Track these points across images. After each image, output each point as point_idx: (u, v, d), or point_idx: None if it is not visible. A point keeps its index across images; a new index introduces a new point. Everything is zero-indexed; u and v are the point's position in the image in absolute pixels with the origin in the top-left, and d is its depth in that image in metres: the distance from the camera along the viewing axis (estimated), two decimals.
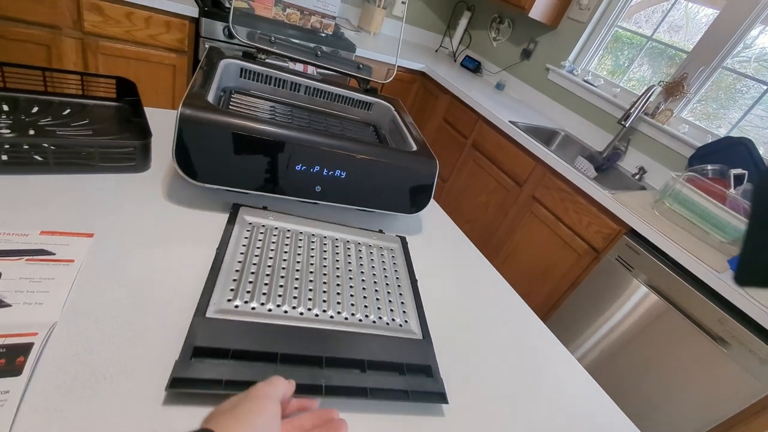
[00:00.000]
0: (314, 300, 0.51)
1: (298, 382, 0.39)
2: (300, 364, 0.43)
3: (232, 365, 0.40)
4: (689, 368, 1.26)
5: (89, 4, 1.44)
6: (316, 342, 0.46)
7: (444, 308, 0.62)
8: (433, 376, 0.48)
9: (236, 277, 0.50)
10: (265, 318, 0.46)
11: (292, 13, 1.73)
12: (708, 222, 1.37)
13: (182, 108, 0.56)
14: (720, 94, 1.76)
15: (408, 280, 0.62)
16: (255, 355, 0.42)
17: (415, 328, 0.54)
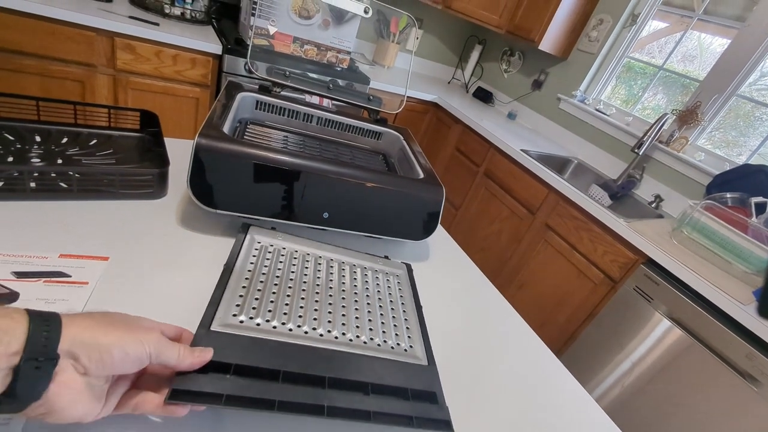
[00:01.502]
0: (319, 320, 0.51)
1: (301, 401, 0.40)
2: (303, 384, 0.43)
3: (232, 380, 0.40)
4: (718, 408, 1.18)
5: (123, 44, 1.55)
6: (320, 362, 0.45)
7: (450, 339, 0.61)
8: (438, 403, 0.47)
9: (242, 293, 0.50)
10: (269, 335, 0.46)
11: (310, 49, 1.82)
12: (730, 251, 1.32)
13: (198, 138, 0.59)
14: (739, 122, 1.74)
15: (413, 306, 0.61)
16: (257, 371, 0.42)
17: (420, 354, 0.53)
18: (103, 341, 0.30)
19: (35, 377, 0.26)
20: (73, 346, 0.28)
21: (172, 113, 1.76)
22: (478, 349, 0.62)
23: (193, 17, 1.81)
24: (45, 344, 0.27)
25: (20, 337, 0.26)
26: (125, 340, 0.31)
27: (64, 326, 0.28)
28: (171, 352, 0.34)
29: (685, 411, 1.25)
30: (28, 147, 0.66)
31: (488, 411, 0.52)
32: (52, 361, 0.27)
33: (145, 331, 0.33)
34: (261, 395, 0.39)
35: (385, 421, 0.43)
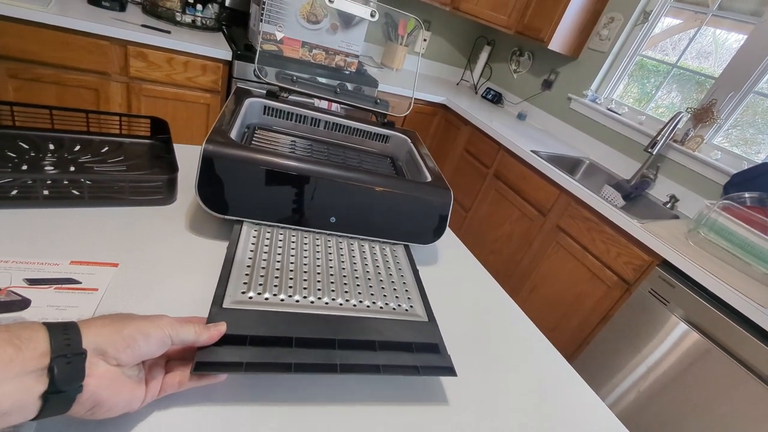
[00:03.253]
0: (323, 290, 0.54)
1: (314, 362, 0.43)
2: (315, 347, 0.45)
3: (250, 350, 0.42)
4: (738, 415, 1.15)
5: (135, 52, 1.58)
6: (328, 326, 0.48)
7: (459, 344, 0.61)
8: (440, 352, 0.51)
9: (248, 272, 0.52)
10: (278, 307, 0.49)
11: (318, 54, 1.83)
12: (749, 253, 1.29)
13: (205, 144, 0.59)
14: (756, 119, 1.70)
15: (411, 274, 0.64)
16: (272, 340, 0.44)
17: (420, 312, 0.56)
18: (124, 332, 0.32)
19: (70, 371, 0.28)
20: (96, 343, 0.30)
21: (183, 119, 1.79)
22: (488, 354, 0.61)
23: (204, 24, 1.84)
24: (68, 343, 0.29)
25: (43, 342, 0.28)
26: (143, 326, 0.34)
27: (82, 328, 0.30)
28: (187, 329, 0.37)
29: (704, 417, 1.21)
30: (42, 155, 0.67)
31: (498, 418, 0.51)
32: (80, 356, 0.29)
33: (157, 318, 0.36)
34: (277, 360, 0.42)
35: (394, 372, 0.46)
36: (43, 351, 0.27)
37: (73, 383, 0.29)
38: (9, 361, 0.25)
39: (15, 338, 0.27)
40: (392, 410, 0.46)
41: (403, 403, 0.48)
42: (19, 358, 0.26)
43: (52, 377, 0.27)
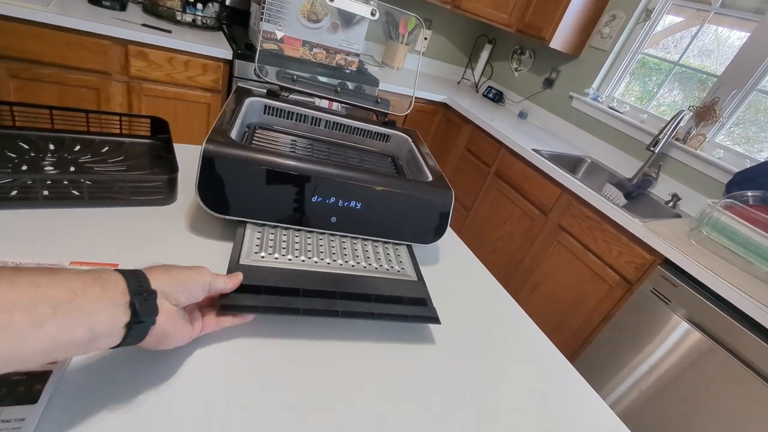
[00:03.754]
0: (325, 253, 0.62)
1: (318, 308, 0.52)
2: (318, 297, 0.54)
3: (264, 297, 0.50)
4: (742, 416, 1.15)
5: (136, 51, 1.58)
6: (330, 282, 0.57)
7: (460, 344, 0.61)
8: (427, 305, 0.59)
9: (259, 237, 0.61)
10: (287, 265, 0.57)
11: (319, 53, 1.82)
12: (752, 252, 1.28)
13: (205, 144, 0.59)
14: (759, 117, 1.69)
15: (405, 249, 0.71)
16: (282, 290, 0.52)
17: (410, 273, 0.65)
18: (180, 278, 0.39)
19: (148, 306, 0.34)
20: (160, 286, 0.36)
21: (184, 119, 1.78)
22: (489, 354, 0.60)
23: (204, 24, 1.84)
24: (141, 285, 0.35)
25: (121, 283, 0.33)
26: (192, 274, 0.41)
27: (147, 274, 0.36)
28: (219, 279, 0.45)
29: (706, 417, 1.21)
30: (42, 155, 0.67)
31: (499, 419, 0.51)
32: (153, 295, 0.35)
33: (198, 268, 0.43)
34: (288, 305, 0.51)
35: (386, 319, 0.55)
36: (123, 290, 0.33)
37: (150, 316, 0.35)
38: (99, 296, 0.31)
39: (99, 279, 0.32)
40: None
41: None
42: (106, 295, 0.31)
43: (134, 310, 0.33)
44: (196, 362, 0.44)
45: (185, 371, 0.43)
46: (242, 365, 0.46)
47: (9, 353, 0.26)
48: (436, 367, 0.55)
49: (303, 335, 0.52)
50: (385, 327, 0.58)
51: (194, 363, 0.44)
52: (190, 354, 0.45)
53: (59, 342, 0.29)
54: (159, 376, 0.42)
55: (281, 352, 0.49)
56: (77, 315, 0.29)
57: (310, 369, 0.48)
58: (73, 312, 0.29)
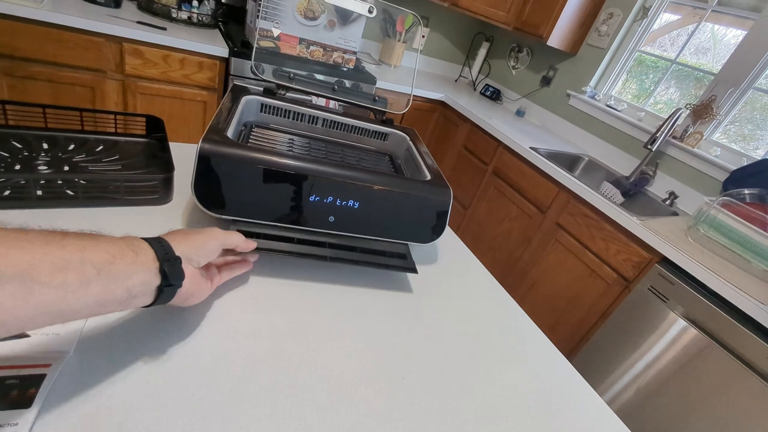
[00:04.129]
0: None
1: (309, 253, 0.61)
2: (311, 245, 0.62)
3: (266, 242, 0.60)
4: (738, 412, 1.15)
5: (131, 49, 1.57)
6: (321, 231, 0.65)
7: (458, 343, 0.60)
8: (407, 259, 0.68)
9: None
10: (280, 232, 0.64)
11: (316, 50, 1.81)
12: (749, 250, 1.29)
13: (201, 143, 0.58)
14: (755, 115, 1.70)
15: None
16: (279, 238, 0.61)
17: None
18: (198, 243, 0.44)
19: (175, 271, 0.39)
20: (182, 252, 0.41)
21: (180, 117, 1.77)
22: (486, 353, 0.60)
23: (200, 21, 1.82)
24: (167, 252, 0.39)
25: (150, 250, 0.38)
26: (207, 238, 0.46)
27: (169, 242, 0.41)
28: (231, 237, 0.51)
29: (703, 413, 1.21)
30: (35, 155, 0.66)
31: (497, 418, 0.51)
32: (177, 260, 0.40)
33: (210, 229, 0.48)
34: (283, 248, 0.60)
35: (369, 266, 0.63)
36: (153, 257, 0.37)
37: (178, 280, 0.40)
38: (133, 261, 0.35)
39: (132, 246, 0.36)
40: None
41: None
42: (139, 260, 0.36)
43: (164, 275, 0.38)
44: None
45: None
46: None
47: (64, 306, 0.30)
48: (431, 368, 0.54)
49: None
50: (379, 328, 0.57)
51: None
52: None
53: (103, 299, 0.33)
54: (151, 376, 0.41)
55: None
56: (116, 277, 0.33)
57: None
58: (113, 274, 0.33)
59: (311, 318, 0.56)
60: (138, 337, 0.45)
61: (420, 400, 0.49)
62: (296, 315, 0.55)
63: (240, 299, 0.55)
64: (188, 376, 0.43)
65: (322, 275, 0.64)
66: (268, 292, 0.57)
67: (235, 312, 0.53)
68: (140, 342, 0.45)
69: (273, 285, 0.59)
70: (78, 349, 0.42)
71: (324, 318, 0.56)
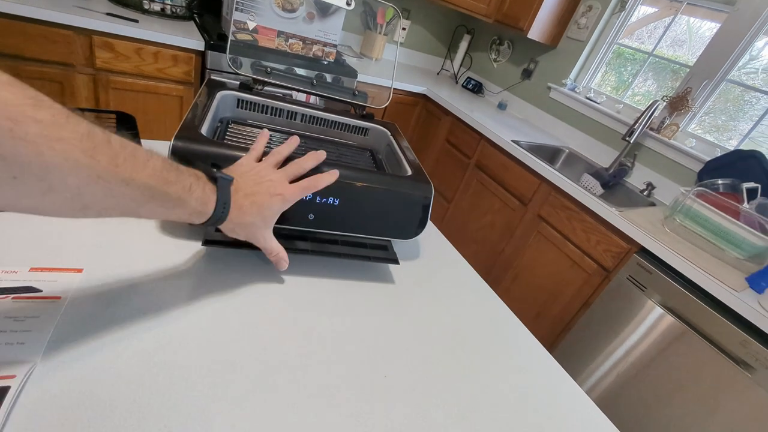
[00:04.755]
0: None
1: (290, 247, 0.59)
2: (294, 238, 0.62)
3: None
4: (713, 395, 1.19)
5: (101, 42, 1.51)
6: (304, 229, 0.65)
7: (440, 338, 0.60)
8: (388, 250, 0.68)
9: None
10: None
11: (295, 43, 1.78)
12: (722, 238, 1.32)
13: (174, 141, 0.56)
14: (728, 106, 1.74)
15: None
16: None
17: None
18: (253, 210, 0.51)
19: (222, 217, 0.47)
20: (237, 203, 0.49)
21: (155, 112, 1.72)
22: (469, 349, 0.60)
23: (174, 13, 1.76)
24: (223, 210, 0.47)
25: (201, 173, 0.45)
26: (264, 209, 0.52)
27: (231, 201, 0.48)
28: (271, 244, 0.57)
29: (680, 397, 1.25)
30: None
31: (480, 413, 0.51)
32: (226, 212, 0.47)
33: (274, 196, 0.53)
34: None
35: (351, 258, 0.64)
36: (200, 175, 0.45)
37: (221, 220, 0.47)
38: (196, 181, 0.43)
39: (189, 174, 0.43)
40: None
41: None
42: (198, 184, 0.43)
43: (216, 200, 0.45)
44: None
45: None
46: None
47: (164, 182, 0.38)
48: (413, 366, 0.54)
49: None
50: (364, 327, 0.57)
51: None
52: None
53: (178, 192, 0.40)
54: (125, 380, 0.40)
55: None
56: (188, 196, 0.41)
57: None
58: (186, 193, 0.41)
59: (291, 316, 0.55)
60: (110, 341, 0.44)
61: (403, 398, 0.49)
62: (276, 313, 0.54)
63: (217, 296, 0.54)
64: (165, 375, 0.41)
65: (303, 269, 0.63)
66: (244, 289, 0.56)
67: (212, 309, 0.51)
68: (112, 346, 0.43)
69: (250, 280, 0.58)
70: (45, 357, 0.40)
71: (305, 317, 0.56)
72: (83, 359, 0.41)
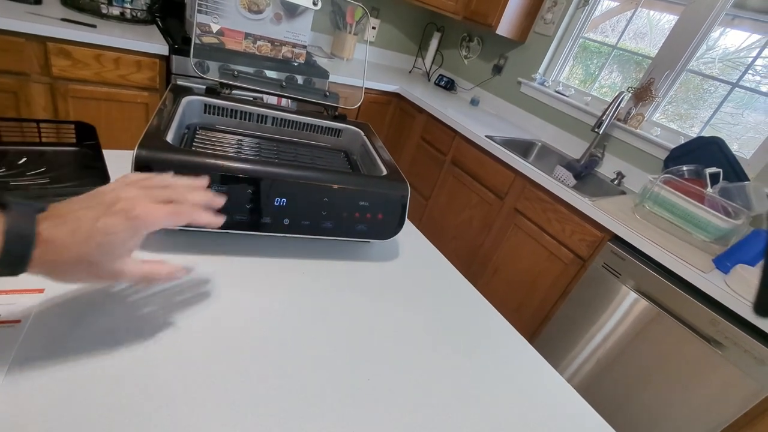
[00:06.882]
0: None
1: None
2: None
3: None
4: (687, 373, 1.24)
5: (56, 49, 1.44)
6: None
7: (422, 337, 0.60)
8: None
9: None
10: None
11: (263, 45, 1.74)
12: (689, 222, 1.38)
13: (137, 149, 0.54)
14: (689, 95, 1.81)
15: None
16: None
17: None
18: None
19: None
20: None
21: (119, 120, 1.65)
22: (451, 345, 0.60)
23: (135, 17, 1.70)
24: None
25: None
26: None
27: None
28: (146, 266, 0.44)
29: (657, 378, 1.30)
30: None
31: (465, 409, 0.51)
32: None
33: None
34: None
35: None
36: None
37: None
38: None
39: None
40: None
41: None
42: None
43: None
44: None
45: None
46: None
47: None
48: (396, 367, 0.54)
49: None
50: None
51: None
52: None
53: None
54: (96, 414, 0.38)
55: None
56: None
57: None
58: None
59: (271, 322, 0.53)
60: (75, 365, 0.41)
61: (387, 400, 0.48)
62: (254, 322, 0.53)
63: (186, 310, 0.51)
64: (138, 398, 0.39)
65: (279, 272, 0.63)
66: (216, 302, 0.54)
67: (181, 325, 0.49)
68: (78, 370, 0.41)
69: (220, 293, 0.56)
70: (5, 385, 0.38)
71: (285, 322, 0.54)
72: (47, 387, 0.39)
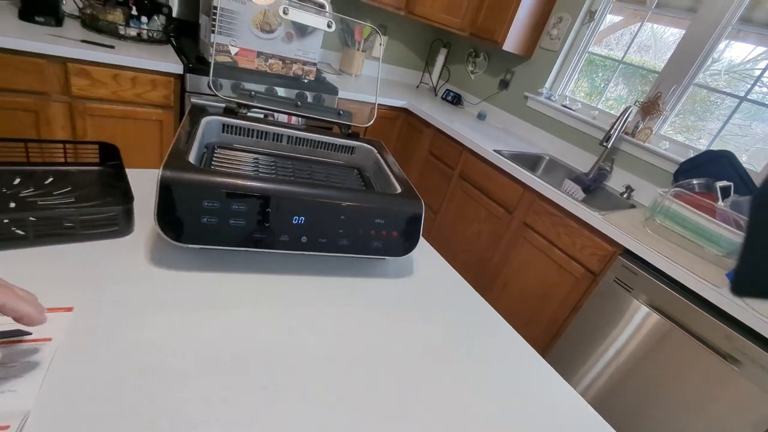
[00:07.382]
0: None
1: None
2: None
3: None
4: (702, 390, 1.22)
5: (77, 69, 1.48)
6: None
7: (438, 353, 0.60)
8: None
9: None
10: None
11: (274, 63, 1.79)
12: (701, 236, 1.37)
13: (162, 170, 0.56)
14: (696, 108, 1.82)
15: None
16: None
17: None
18: None
19: None
20: None
21: (135, 137, 1.69)
22: (464, 360, 0.60)
23: (151, 37, 1.75)
24: None
25: None
26: None
27: None
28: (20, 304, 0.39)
29: (670, 394, 1.28)
30: None
31: (478, 421, 0.51)
32: None
33: None
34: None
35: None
36: None
37: None
38: None
39: None
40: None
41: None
42: None
43: None
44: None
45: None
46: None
47: None
48: (409, 376, 0.54)
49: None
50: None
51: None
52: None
53: None
54: (123, 426, 0.39)
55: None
56: None
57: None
58: None
59: (274, 335, 0.54)
60: (107, 381, 0.42)
61: (399, 410, 0.49)
62: (269, 332, 0.54)
63: (212, 324, 0.52)
64: (169, 415, 0.40)
65: (292, 285, 0.64)
66: (237, 319, 0.55)
67: (208, 338, 0.50)
68: (111, 386, 0.42)
69: (245, 311, 0.57)
70: (39, 403, 0.39)
71: (289, 335, 0.55)
72: (80, 403, 0.40)
